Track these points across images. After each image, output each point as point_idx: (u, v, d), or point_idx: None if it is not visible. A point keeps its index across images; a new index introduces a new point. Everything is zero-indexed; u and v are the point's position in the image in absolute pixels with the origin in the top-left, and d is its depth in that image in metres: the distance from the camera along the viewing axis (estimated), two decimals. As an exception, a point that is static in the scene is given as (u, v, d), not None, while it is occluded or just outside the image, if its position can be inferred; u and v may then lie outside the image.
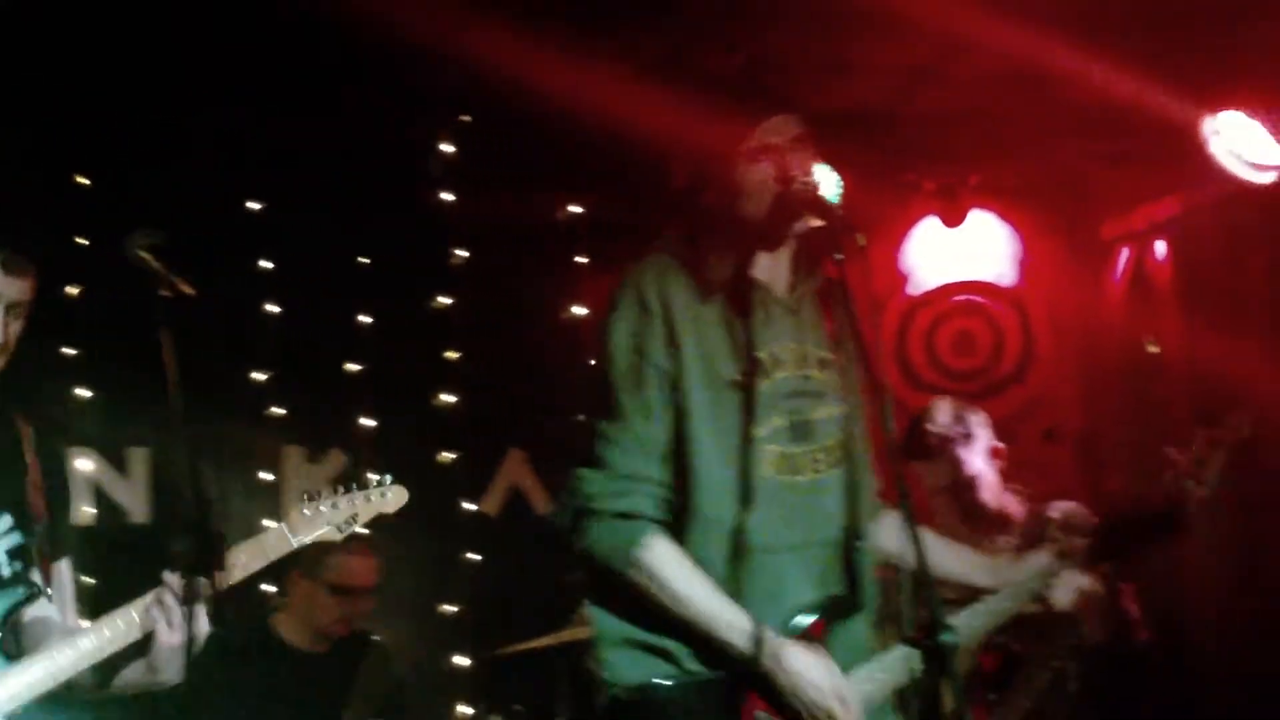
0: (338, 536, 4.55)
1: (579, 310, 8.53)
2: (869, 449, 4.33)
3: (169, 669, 4.26)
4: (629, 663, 4.06)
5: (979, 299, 9.29)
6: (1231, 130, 7.29)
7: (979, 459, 6.20)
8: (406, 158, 8.35)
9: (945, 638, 3.49)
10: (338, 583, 6.95)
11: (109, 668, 4.34)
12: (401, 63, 7.23)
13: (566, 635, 7.02)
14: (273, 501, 8.22)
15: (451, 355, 8.60)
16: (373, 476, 4.64)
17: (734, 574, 4.03)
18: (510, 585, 8.27)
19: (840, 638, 4.14)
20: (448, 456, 8.52)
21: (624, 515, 3.99)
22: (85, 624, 4.32)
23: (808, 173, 4.00)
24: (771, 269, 4.22)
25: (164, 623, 4.19)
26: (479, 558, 8.47)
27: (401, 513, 4.67)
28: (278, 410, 8.33)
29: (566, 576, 7.37)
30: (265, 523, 5.34)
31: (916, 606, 3.75)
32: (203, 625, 4.09)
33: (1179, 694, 7.39)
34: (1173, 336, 8.36)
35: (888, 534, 4.37)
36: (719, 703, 3.98)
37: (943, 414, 6.27)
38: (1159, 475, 5.07)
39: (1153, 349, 8.40)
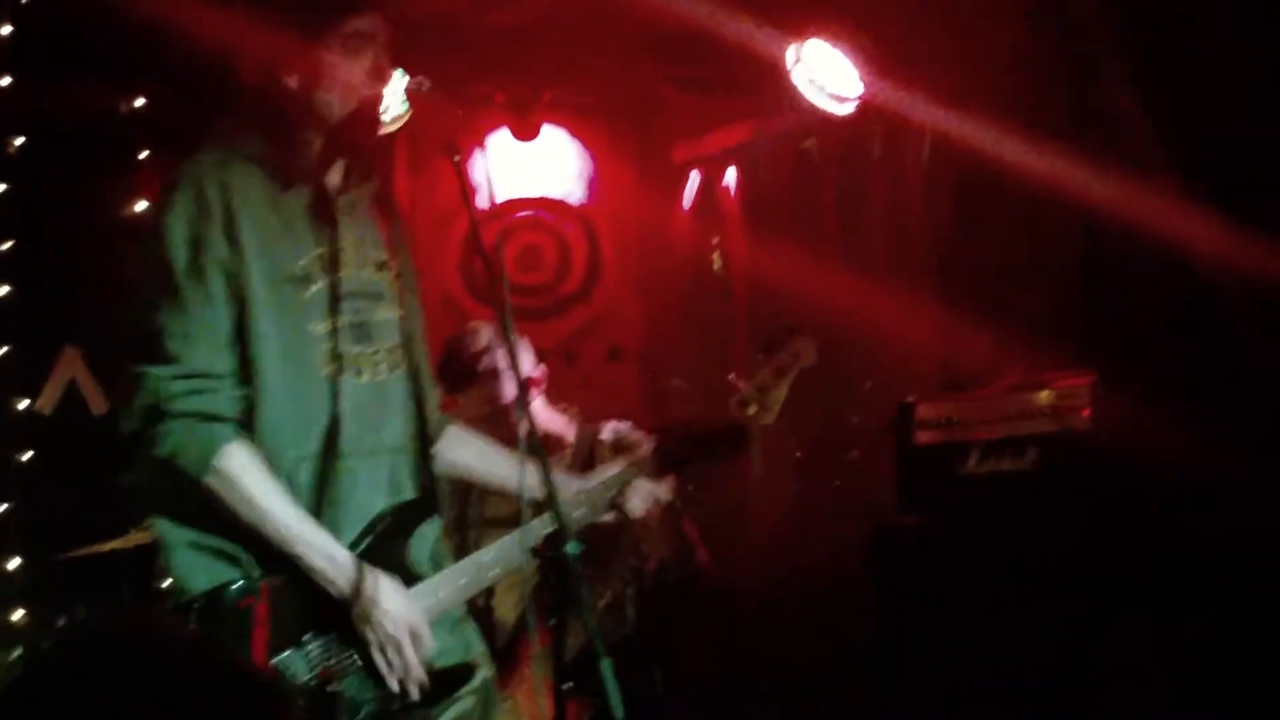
0: None
1: (140, 205, 8.28)
2: (428, 357, 4.33)
3: None
4: (198, 567, 3.97)
5: (546, 215, 9.31)
6: (813, 60, 7.25)
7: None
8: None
9: (570, 549, 3.60)
10: None
11: None
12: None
13: (134, 539, 6.84)
14: None
15: (4, 246, 8.30)
16: None
17: (308, 478, 3.99)
18: (66, 486, 8.04)
19: (416, 546, 4.14)
20: (-1, 351, 8.24)
21: (202, 416, 3.89)
22: None
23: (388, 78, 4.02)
24: (332, 169, 4.19)
25: None
26: (31, 455, 8.22)
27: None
28: None
29: (123, 479, 7.26)
30: None
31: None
32: None
33: (730, 621, 7.54)
34: (739, 261, 8.50)
35: (452, 446, 4.38)
36: (289, 604, 3.93)
37: (479, 340, 6.17)
38: (721, 397, 5.12)
39: (717, 265, 8.53)
